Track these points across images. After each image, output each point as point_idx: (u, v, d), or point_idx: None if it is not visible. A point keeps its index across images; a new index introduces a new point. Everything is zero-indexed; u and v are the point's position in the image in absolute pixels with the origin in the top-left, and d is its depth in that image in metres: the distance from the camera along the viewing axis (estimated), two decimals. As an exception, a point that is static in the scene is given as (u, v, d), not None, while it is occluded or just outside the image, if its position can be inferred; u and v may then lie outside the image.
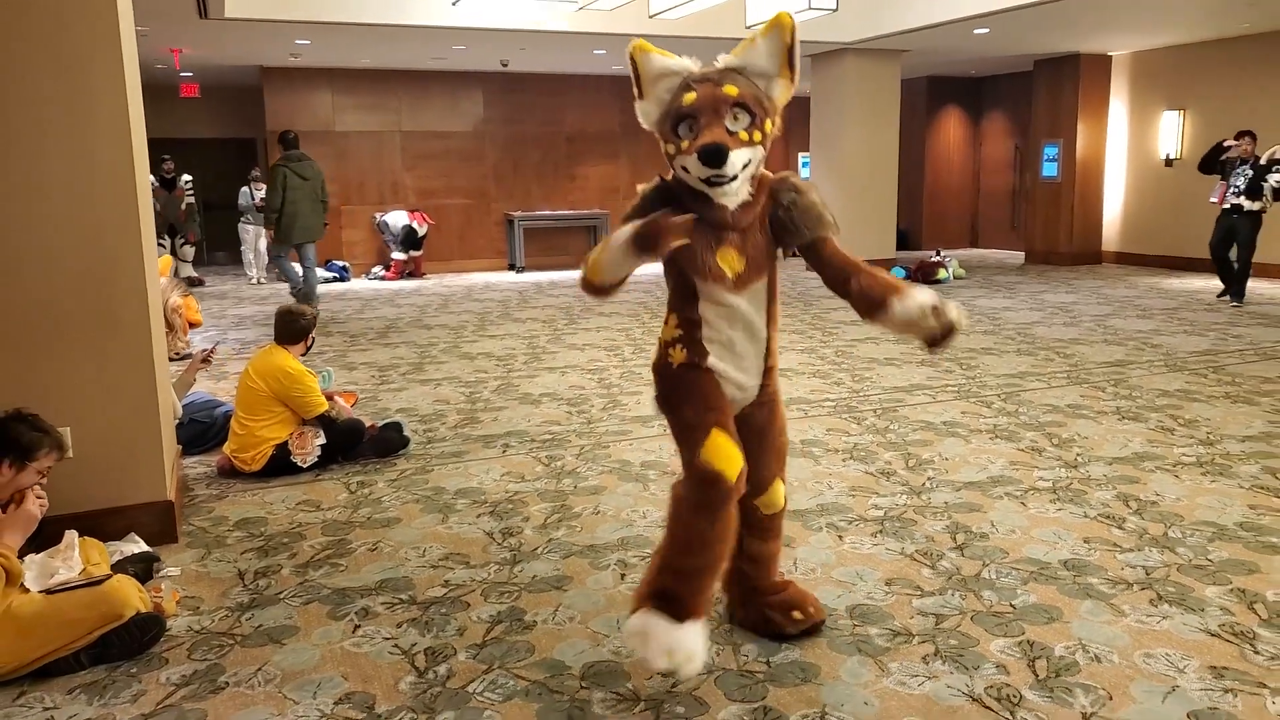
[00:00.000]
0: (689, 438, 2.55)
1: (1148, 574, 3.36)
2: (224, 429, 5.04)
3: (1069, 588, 3.26)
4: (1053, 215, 14.08)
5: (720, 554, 2.52)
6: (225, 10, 8.74)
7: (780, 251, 2.68)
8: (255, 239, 13.07)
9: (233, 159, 15.50)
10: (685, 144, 2.48)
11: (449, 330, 9.01)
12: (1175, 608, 3.10)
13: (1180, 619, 3.02)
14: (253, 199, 12.91)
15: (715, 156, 2.41)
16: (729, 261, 2.55)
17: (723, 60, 2.57)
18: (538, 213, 14.56)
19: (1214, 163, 9.70)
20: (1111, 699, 2.57)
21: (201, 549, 3.75)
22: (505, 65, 13.37)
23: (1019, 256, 15.01)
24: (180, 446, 4.72)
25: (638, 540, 3.75)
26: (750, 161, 2.50)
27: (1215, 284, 9.82)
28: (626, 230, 2.47)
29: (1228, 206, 9.52)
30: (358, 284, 13.13)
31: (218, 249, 15.88)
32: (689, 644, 2.42)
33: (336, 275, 13.35)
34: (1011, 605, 3.13)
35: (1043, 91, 14.13)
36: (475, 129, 14.44)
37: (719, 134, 2.43)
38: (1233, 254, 9.70)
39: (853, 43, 11.98)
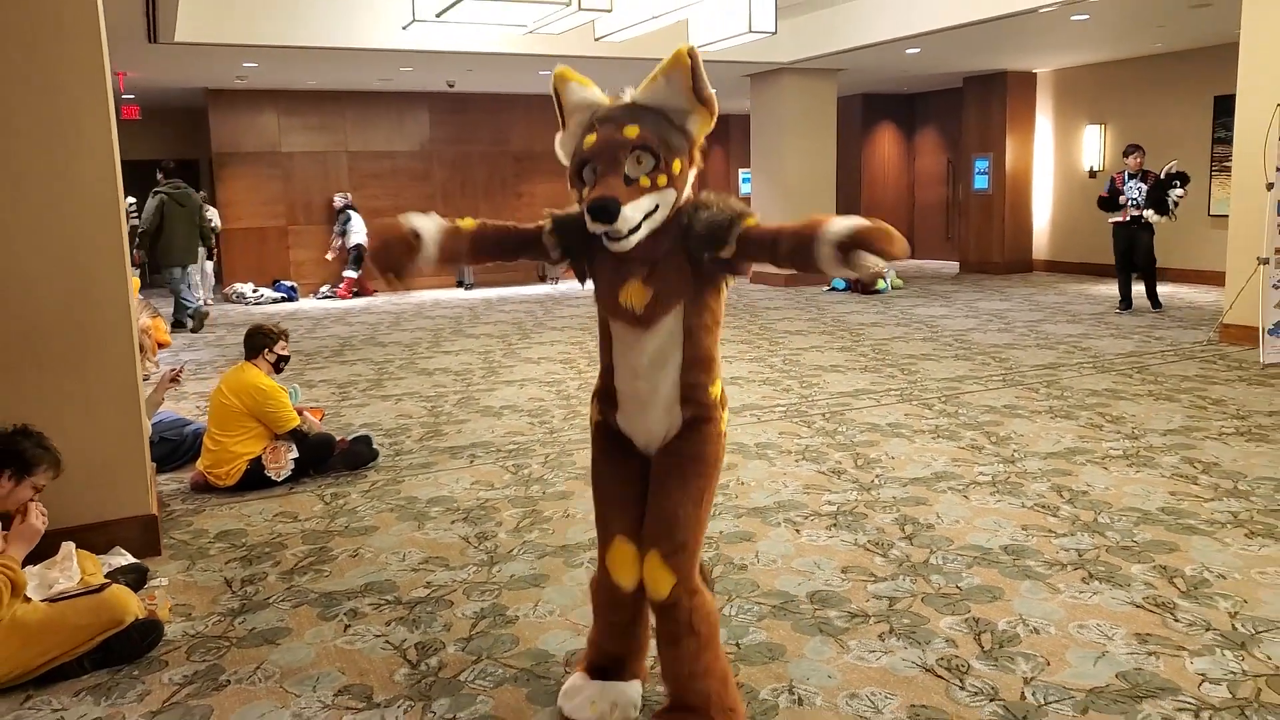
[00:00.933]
0: (600, 524, 2.59)
1: (1080, 555, 3.66)
2: (194, 446, 5.14)
3: (1009, 570, 3.54)
4: (985, 226, 14.62)
5: (642, 631, 2.66)
6: (175, 35, 8.78)
7: (732, 277, 2.46)
8: (201, 261, 13.00)
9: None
10: (587, 192, 2.30)
11: (404, 347, 9.12)
12: (1105, 584, 3.39)
13: (1109, 594, 3.31)
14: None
15: (601, 213, 2.22)
16: (632, 295, 2.35)
17: (630, 94, 2.39)
18: (485, 230, 14.68)
19: (1113, 203, 10.09)
20: (1049, 665, 2.84)
21: (185, 560, 3.87)
22: (452, 86, 13.53)
23: (954, 266, 15.53)
24: (154, 464, 4.81)
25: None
26: (658, 207, 2.30)
27: (1138, 289, 10.29)
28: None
29: (1127, 220, 9.97)
30: (306, 304, 13.15)
31: (158, 270, 15.69)
32: (613, 695, 2.62)
33: (285, 295, 13.36)
34: (958, 587, 3.40)
35: (972, 107, 14.70)
36: (422, 148, 14.56)
37: (612, 185, 2.24)
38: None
39: (791, 62, 12.36)
